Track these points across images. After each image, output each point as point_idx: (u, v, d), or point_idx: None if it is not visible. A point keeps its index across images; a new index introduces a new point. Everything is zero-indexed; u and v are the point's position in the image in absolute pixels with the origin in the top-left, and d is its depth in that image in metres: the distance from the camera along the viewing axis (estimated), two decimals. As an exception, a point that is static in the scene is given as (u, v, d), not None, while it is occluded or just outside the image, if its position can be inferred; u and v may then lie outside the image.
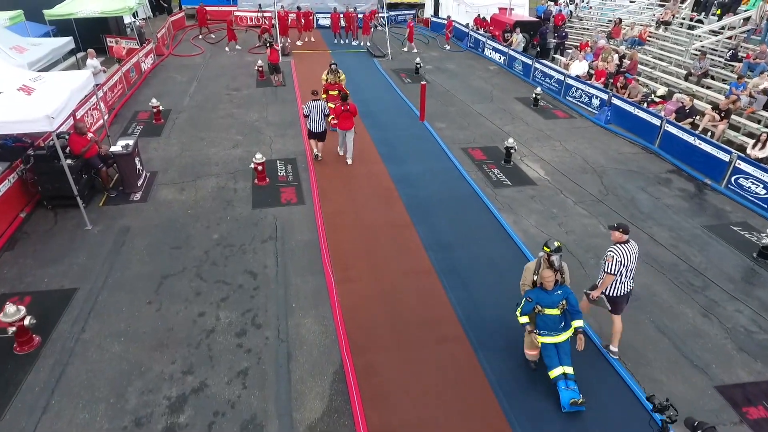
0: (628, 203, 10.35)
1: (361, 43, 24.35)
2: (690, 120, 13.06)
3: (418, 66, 19.16)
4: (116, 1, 18.50)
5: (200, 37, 24.57)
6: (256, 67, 17.83)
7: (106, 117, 13.74)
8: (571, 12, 28.00)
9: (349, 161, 11.60)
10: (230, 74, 18.62)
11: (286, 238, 8.84)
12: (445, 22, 26.32)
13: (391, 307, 7.31)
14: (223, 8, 28.67)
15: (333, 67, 13.71)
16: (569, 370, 5.77)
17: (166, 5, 28.59)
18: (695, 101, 13.78)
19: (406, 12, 30.66)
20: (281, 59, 18.85)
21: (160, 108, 13.64)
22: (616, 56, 17.36)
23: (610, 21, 26.79)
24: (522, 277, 6.18)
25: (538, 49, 22.21)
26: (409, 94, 16.86)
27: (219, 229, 9.04)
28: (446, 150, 12.58)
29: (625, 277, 6.07)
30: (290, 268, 8.04)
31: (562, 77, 17.01)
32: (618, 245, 6.01)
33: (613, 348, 6.47)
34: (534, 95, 16.03)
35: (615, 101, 14.61)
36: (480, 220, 9.57)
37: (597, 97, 15.38)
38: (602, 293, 6.23)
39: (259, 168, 10.41)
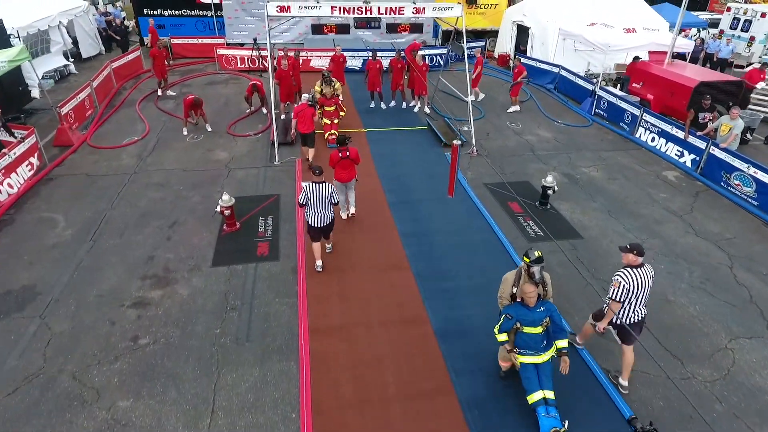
0: None
1: (415, 107, 14.81)
2: None
3: (549, 190, 9.45)
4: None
5: (159, 93, 15.29)
6: (219, 208, 8.37)
7: None
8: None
9: (352, 210, 8.93)
10: (170, 210, 9.21)
11: None
12: (552, 68, 16.68)
13: None
14: (203, 40, 19.45)
15: (328, 75, 11.70)
16: (550, 394, 5.09)
17: (119, 38, 19.41)
18: None
19: (470, 45, 20.92)
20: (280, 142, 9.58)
21: None
22: None
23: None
24: (500, 290, 5.42)
25: (749, 135, 12.33)
26: (563, 298, 7.19)
27: None
28: None
29: (636, 304, 5.34)
30: None
31: None
32: (628, 269, 5.27)
33: (623, 382, 5.69)
34: None
35: None
36: None
37: None
38: (609, 323, 5.47)
39: None
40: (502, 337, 5.19)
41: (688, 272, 7.90)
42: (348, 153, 8.28)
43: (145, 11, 19.19)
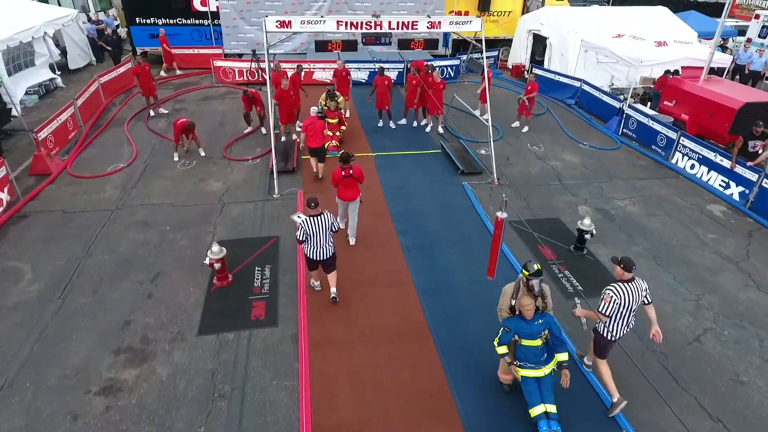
0: None
1: (427, 126, 13.63)
2: None
3: (586, 233, 8.26)
4: None
5: (151, 113, 14.14)
6: (208, 261, 7.22)
7: None
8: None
9: (352, 241, 8.41)
10: (154, 257, 8.06)
11: None
12: (573, 82, 15.57)
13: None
14: (200, 50, 18.34)
15: (332, 90, 11.66)
16: (552, 408, 5.07)
17: (110, 49, 18.27)
18: None
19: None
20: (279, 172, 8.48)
21: None
22: None
23: None
24: (499, 302, 5.41)
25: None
26: (619, 381, 6.00)
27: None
28: None
29: (628, 319, 5.28)
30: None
31: None
32: (618, 284, 5.19)
33: (615, 397, 5.47)
34: None
35: None
36: None
37: None
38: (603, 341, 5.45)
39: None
40: (502, 349, 5.20)
41: (758, 340, 6.73)
42: (351, 171, 7.90)
43: (137, 20, 18.06)
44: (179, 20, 18.31)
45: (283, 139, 12.43)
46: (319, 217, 6.54)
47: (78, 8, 19.73)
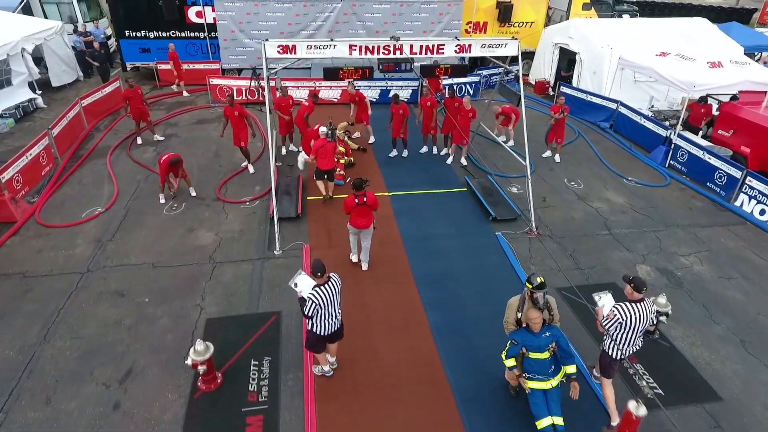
0: None
1: (449, 158, 12.08)
2: None
3: (662, 315, 6.68)
4: None
5: (138, 141, 12.61)
6: (191, 361, 5.67)
7: None
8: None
9: (365, 266, 8.00)
10: (126, 345, 6.49)
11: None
12: (608, 104, 14.01)
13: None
14: (195, 66, 16.84)
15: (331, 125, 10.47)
16: (559, 420, 5.01)
17: (97, 64, 16.74)
18: None
19: (497, 70, 18.19)
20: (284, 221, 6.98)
21: None
22: None
23: None
24: (505, 315, 5.47)
25: None
26: None
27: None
28: None
29: (634, 338, 5.20)
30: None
31: None
32: (626, 303, 5.11)
33: (614, 422, 5.41)
34: None
35: None
36: None
37: None
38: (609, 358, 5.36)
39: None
40: (510, 362, 5.21)
41: None
42: (365, 199, 7.52)
43: (127, 33, 16.54)
44: (173, 33, 16.77)
45: (279, 164, 10.94)
46: (328, 284, 5.51)
47: (65, 19, 18.23)
